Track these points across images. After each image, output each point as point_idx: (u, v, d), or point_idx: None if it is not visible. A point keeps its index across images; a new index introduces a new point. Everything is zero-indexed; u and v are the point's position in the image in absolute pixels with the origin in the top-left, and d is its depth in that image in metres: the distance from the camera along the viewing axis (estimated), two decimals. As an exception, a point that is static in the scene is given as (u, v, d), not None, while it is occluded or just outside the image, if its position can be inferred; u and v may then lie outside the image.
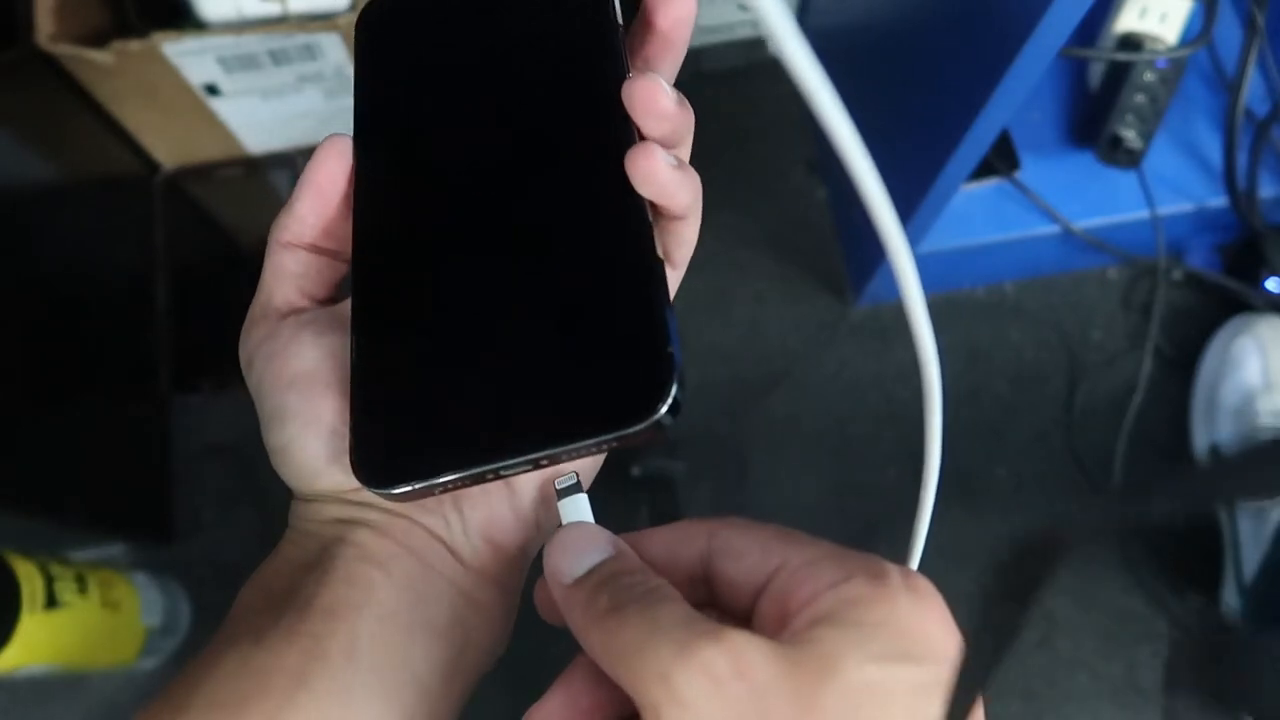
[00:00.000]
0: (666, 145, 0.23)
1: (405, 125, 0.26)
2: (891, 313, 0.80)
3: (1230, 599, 0.70)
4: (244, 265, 0.83)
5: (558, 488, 0.24)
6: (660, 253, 0.23)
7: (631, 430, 0.21)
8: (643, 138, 0.23)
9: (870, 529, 0.72)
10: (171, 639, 0.70)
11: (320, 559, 0.23)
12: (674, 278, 0.25)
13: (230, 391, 0.77)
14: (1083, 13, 0.42)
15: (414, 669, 0.23)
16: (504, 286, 0.23)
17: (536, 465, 0.22)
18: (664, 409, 0.20)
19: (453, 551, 0.24)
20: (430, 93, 0.26)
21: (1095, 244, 0.74)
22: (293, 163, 0.83)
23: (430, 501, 0.24)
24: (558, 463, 0.22)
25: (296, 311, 0.26)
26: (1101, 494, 0.72)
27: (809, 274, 0.81)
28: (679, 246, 0.25)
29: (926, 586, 0.20)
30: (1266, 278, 0.76)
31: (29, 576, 0.56)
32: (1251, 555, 0.68)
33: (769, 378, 0.77)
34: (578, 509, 0.23)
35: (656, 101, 0.22)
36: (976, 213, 0.72)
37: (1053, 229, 0.72)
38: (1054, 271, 0.82)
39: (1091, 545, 0.73)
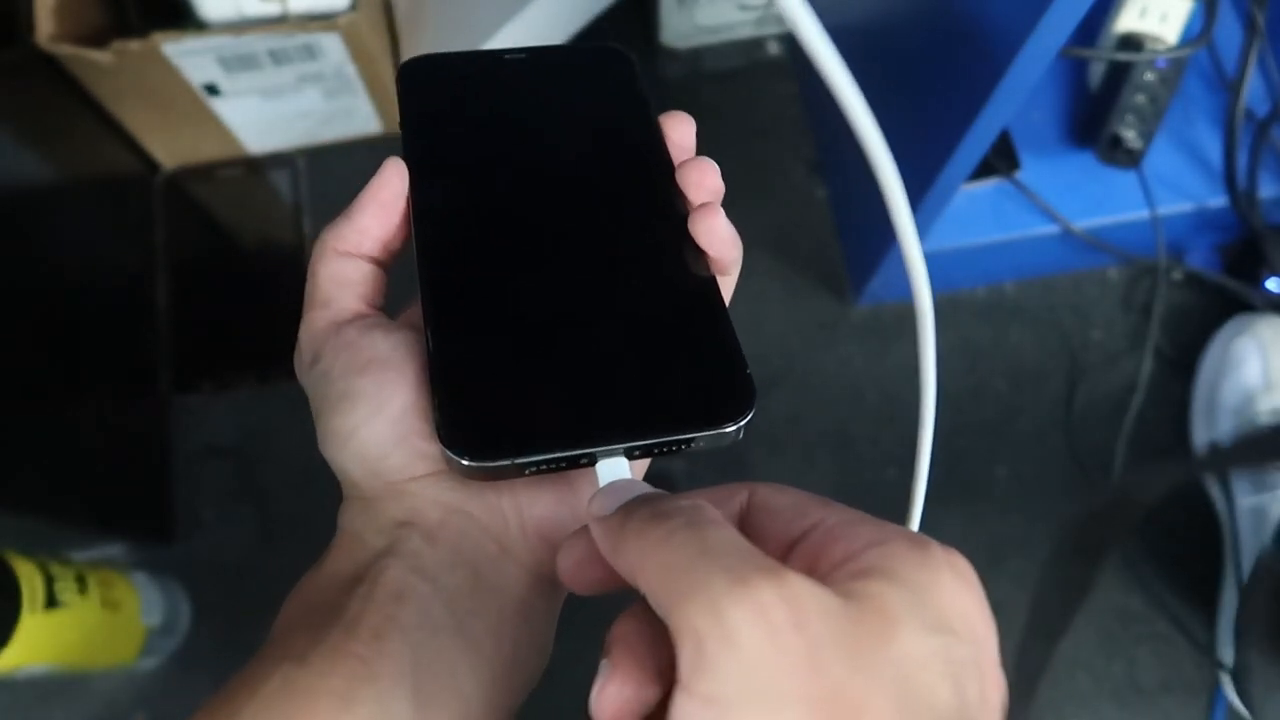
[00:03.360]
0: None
1: (463, 162, 0.28)
2: (891, 313, 0.80)
3: (1230, 599, 0.70)
4: (244, 265, 0.83)
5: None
6: None
7: (718, 432, 0.23)
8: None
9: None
10: (171, 639, 0.70)
11: (369, 571, 0.23)
12: None
13: (230, 391, 0.77)
14: (1083, 13, 0.42)
15: (460, 689, 0.22)
16: (586, 297, 0.25)
17: (629, 455, 0.23)
18: (747, 418, 0.23)
19: (507, 552, 0.24)
20: (483, 137, 0.29)
21: (1095, 244, 0.74)
22: (292, 163, 0.83)
23: (492, 495, 0.24)
24: (648, 455, 0.23)
25: (360, 317, 0.26)
26: (1163, 462, 0.71)
27: (809, 274, 0.81)
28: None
29: (966, 566, 0.19)
30: (1266, 278, 0.76)
31: (29, 576, 0.56)
32: (1251, 555, 0.68)
33: (769, 377, 0.77)
34: (619, 469, 0.23)
35: (705, 176, 0.27)
36: (976, 213, 0.72)
37: (1053, 229, 0.72)
38: (1054, 271, 0.82)
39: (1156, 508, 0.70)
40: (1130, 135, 0.70)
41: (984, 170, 0.71)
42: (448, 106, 0.29)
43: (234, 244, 0.84)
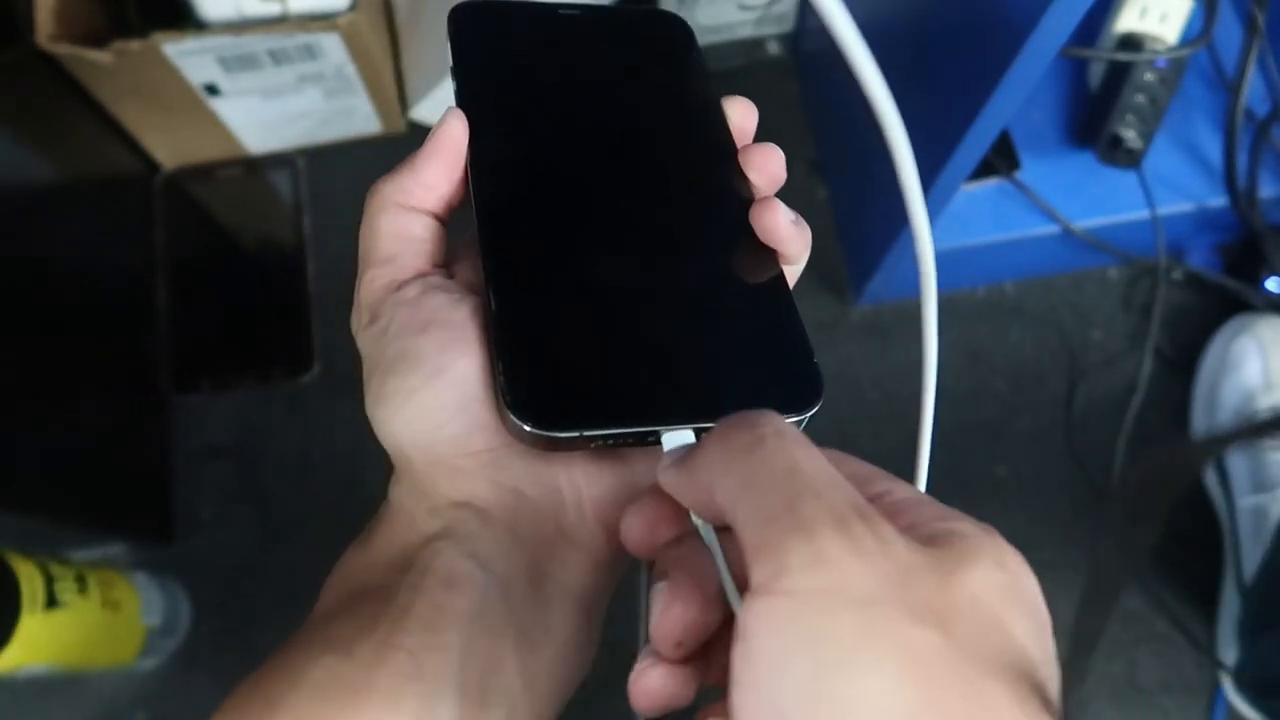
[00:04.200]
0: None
1: (522, 117, 0.27)
2: (892, 312, 0.80)
3: (1230, 599, 0.70)
4: (244, 265, 0.83)
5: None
6: None
7: (791, 419, 0.23)
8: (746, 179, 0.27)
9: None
10: (171, 639, 0.70)
11: (420, 555, 0.22)
12: None
13: (230, 391, 0.77)
14: (1083, 13, 0.42)
15: (507, 686, 0.21)
16: (655, 272, 0.25)
17: (697, 434, 0.22)
18: (815, 409, 0.23)
19: (564, 534, 0.23)
20: (542, 92, 0.27)
21: (1095, 244, 0.74)
22: (292, 163, 0.83)
23: (549, 475, 0.23)
24: None
25: (422, 275, 0.25)
26: (1217, 434, 0.71)
27: (809, 274, 0.81)
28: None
29: (1025, 566, 0.18)
30: (1266, 278, 0.76)
31: (29, 576, 0.56)
32: (1251, 555, 0.68)
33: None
34: (684, 441, 0.23)
35: (770, 162, 0.27)
36: (976, 213, 0.72)
37: (1053, 229, 0.72)
38: (1054, 271, 0.82)
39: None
40: (1130, 135, 0.70)
41: (984, 170, 0.70)
42: (503, 57, 0.28)
43: (234, 244, 0.84)
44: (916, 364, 0.21)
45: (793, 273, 0.26)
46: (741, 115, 0.28)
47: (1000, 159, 0.72)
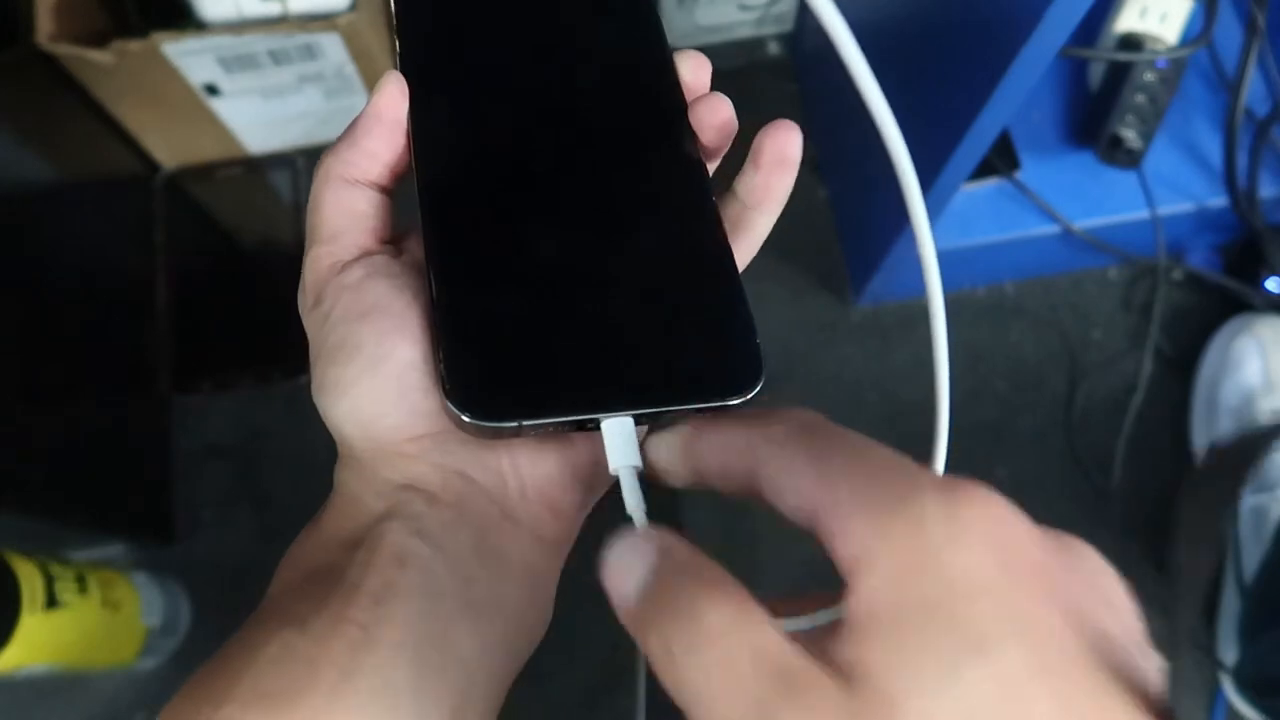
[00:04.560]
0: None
1: (462, 80, 0.26)
2: (892, 312, 0.80)
3: (1230, 599, 0.70)
4: (244, 265, 0.83)
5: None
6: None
7: (730, 403, 0.23)
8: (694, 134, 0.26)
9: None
10: (171, 639, 0.70)
11: (368, 534, 0.22)
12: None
13: (230, 391, 0.77)
14: (1083, 13, 0.42)
15: (462, 655, 0.22)
16: (598, 251, 0.24)
17: (637, 421, 0.22)
18: (755, 391, 0.23)
19: (508, 514, 0.23)
20: (485, 51, 0.27)
21: (1095, 244, 0.74)
22: (292, 163, 0.83)
23: (491, 458, 0.23)
24: (655, 422, 0.23)
25: (367, 254, 0.24)
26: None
27: (809, 274, 0.81)
28: (749, 235, 0.26)
29: (995, 508, 0.17)
30: (1266, 278, 0.76)
31: (29, 576, 0.56)
32: (1252, 555, 0.68)
33: (769, 378, 0.77)
34: (625, 432, 0.23)
35: (718, 114, 0.26)
36: (976, 213, 0.72)
37: (1053, 229, 0.72)
38: (1054, 271, 0.82)
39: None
40: (1130, 135, 0.70)
41: (984, 170, 0.70)
42: (448, 15, 0.27)
43: (234, 244, 0.84)
44: (917, 364, 0.21)
45: (764, 219, 0.26)
46: (694, 73, 0.27)
47: (1000, 159, 0.72)
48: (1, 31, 0.65)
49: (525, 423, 0.22)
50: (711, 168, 0.27)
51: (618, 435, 0.22)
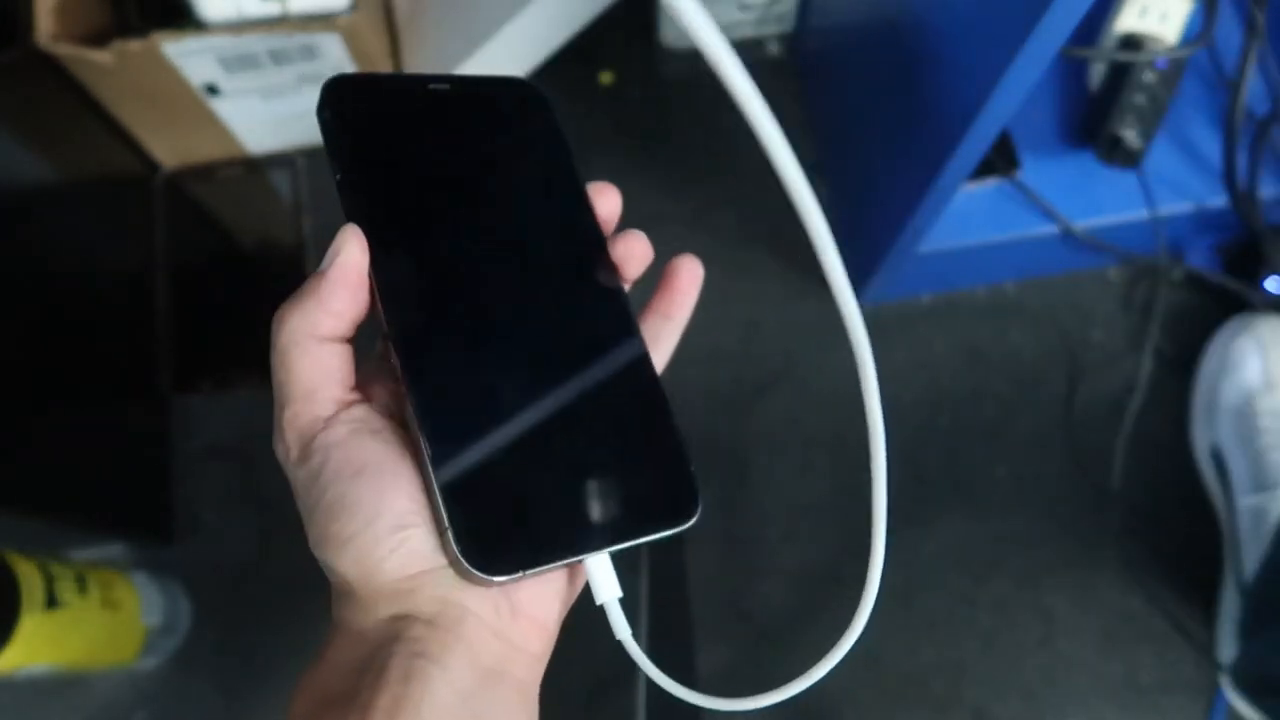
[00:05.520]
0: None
1: (411, 229, 0.28)
2: (892, 313, 0.80)
3: (1230, 599, 0.70)
4: (244, 265, 0.83)
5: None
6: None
7: (681, 529, 0.27)
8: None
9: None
10: (171, 639, 0.70)
11: (375, 658, 0.24)
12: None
13: (230, 391, 0.77)
14: (1083, 13, 0.42)
15: None
16: (558, 403, 0.27)
17: (612, 555, 0.26)
18: (698, 513, 0.28)
19: (500, 635, 0.25)
20: (419, 182, 0.28)
21: (1095, 244, 0.74)
22: (292, 163, 0.83)
23: (484, 589, 0.25)
24: (624, 550, 0.27)
25: (344, 407, 0.26)
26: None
27: (809, 274, 0.81)
28: (667, 344, 0.31)
29: None
30: (1266, 278, 0.76)
31: (29, 576, 0.56)
32: (1251, 555, 0.68)
33: (769, 378, 0.77)
34: (604, 563, 0.27)
35: (637, 250, 0.30)
36: (976, 213, 0.72)
37: (1053, 229, 0.72)
38: (1054, 271, 0.82)
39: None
40: (1130, 135, 0.70)
41: (984, 170, 0.70)
42: (380, 144, 0.28)
43: (234, 244, 0.84)
44: (917, 364, 0.21)
45: (678, 332, 0.31)
46: (608, 206, 0.31)
47: (1000, 159, 0.72)
48: (1, 31, 0.65)
49: (529, 571, 0.25)
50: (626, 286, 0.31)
51: (600, 571, 0.26)
